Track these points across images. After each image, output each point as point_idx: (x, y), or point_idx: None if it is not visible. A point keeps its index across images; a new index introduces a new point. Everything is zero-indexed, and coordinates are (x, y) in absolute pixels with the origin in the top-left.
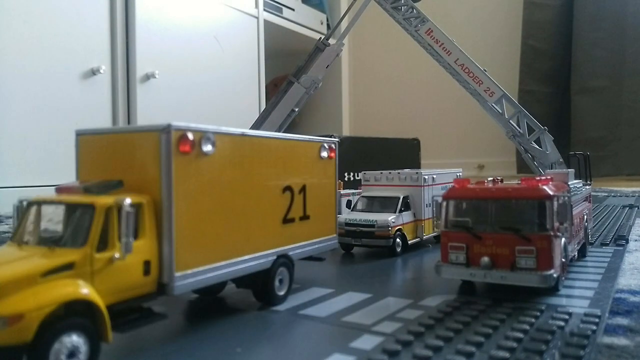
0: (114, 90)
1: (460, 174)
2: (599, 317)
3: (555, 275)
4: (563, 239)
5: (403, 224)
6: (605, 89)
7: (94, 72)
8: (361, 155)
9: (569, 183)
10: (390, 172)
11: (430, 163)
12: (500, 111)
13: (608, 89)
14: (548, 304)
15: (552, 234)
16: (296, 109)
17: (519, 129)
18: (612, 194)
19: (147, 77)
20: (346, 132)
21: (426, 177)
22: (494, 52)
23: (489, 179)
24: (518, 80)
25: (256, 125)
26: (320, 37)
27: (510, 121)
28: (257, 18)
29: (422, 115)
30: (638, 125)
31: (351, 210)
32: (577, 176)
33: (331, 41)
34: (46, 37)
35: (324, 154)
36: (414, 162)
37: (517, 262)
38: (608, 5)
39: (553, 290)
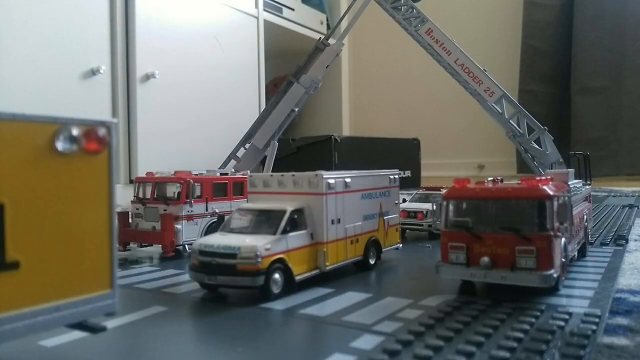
0: (114, 90)
1: (397, 176)
2: (599, 317)
3: (555, 275)
4: (563, 239)
5: (287, 250)
6: (605, 89)
7: (94, 72)
8: (361, 155)
9: (569, 183)
10: (282, 175)
11: (431, 163)
12: (500, 111)
13: (608, 89)
14: (548, 304)
15: (552, 234)
16: (296, 109)
17: (519, 129)
18: (612, 194)
19: (147, 77)
20: (346, 132)
21: (332, 181)
22: (494, 52)
23: (489, 179)
24: (518, 80)
25: (256, 125)
26: (320, 37)
27: (510, 121)
28: (257, 18)
29: (422, 115)
30: (638, 125)
31: (220, 230)
32: (577, 176)
33: (331, 41)
34: (46, 37)
35: (67, 145)
36: (415, 162)
37: (517, 262)
38: (608, 5)
39: (553, 290)
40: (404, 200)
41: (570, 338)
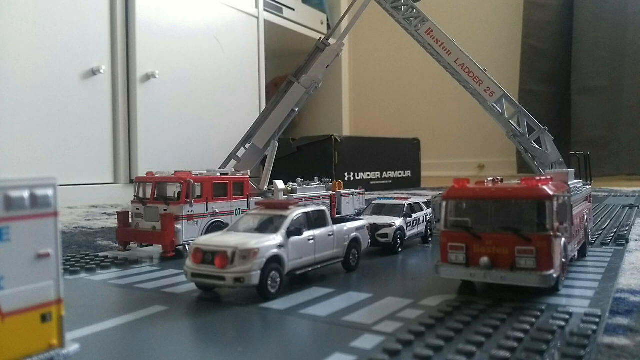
0: (114, 90)
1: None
2: (599, 317)
3: (555, 276)
4: (563, 239)
5: None
6: (605, 89)
7: (94, 72)
8: (361, 155)
9: (569, 183)
10: None
11: (431, 163)
12: (501, 111)
13: (608, 89)
14: (548, 304)
15: (552, 234)
16: (296, 109)
17: (519, 129)
18: (612, 194)
19: (147, 77)
20: (346, 132)
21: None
22: (494, 52)
23: (489, 179)
24: (518, 80)
25: (256, 125)
26: (320, 37)
27: (511, 121)
28: (257, 18)
29: (422, 115)
30: (638, 125)
31: None
32: (577, 176)
33: (331, 41)
34: (46, 37)
35: None
36: (415, 162)
37: (517, 262)
38: (608, 5)
39: (553, 290)
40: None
41: (571, 338)
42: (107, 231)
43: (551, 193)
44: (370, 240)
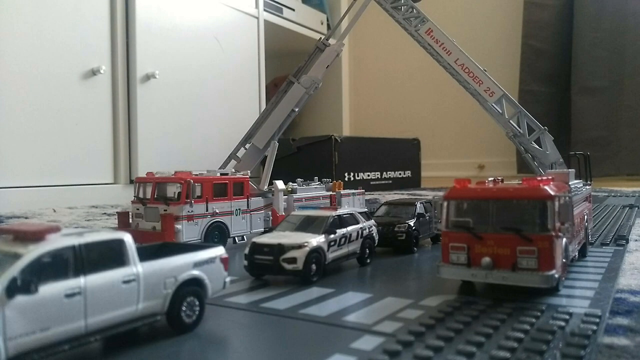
0: (114, 90)
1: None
2: (599, 317)
3: (556, 276)
4: (564, 239)
5: None
6: (605, 89)
7: (94, 72)
8: (361, 155)
9: (570, 183)
10: None
11: (431, 163)
12: (501, 111)
13: (608, 89)
14: (549, 304)
15: (553, 234)
16: (296, 109)
17: (519, 129)
18: (612, 194)
19: (147, 77)
20: (346, 132)
21: None
22: (494, 52)
23: (490, 179)
24: (518, 80)
25: (256, 125)
26: (320, 37)
27: (511, 121)
28: (257, 18)
29: (422, 115)
30: (638, 125)
31: None
32: (578, 176)
33: (331, 41)
34: (46, 37)
35: None
36: (415, 162)
37: (519, 263)
38: (608, 5)
39: (553, 290)
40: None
41: (571, 338)
42: None
43: (553, 193)
44: (277, 267)
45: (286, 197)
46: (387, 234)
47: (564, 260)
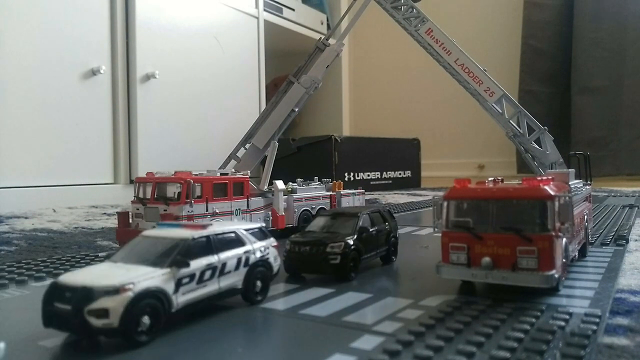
0: (114, 90)
1: None
2: (599, 317)
3: (556, 276)
4: (564, 239)
5: None
6: (605, 89)
7: (94, 72)
8: (361, 155)
9: (570, 183)
10: None
11: (431, 163)
12: (500, 111)
13: (608, 89)
14: (548, 304)
15: (553, 234)
16: (296, 109)
17: (519, 129)
18: (612, 194)
19: (147, 77)
20: (346, 132)
21: None
22: (494, 52)
23: (490, 179)
24: (518, 80)
25: (256, 125)
26: (320, 37)
27: (511, 121)
28: (257, 18)
29: (422, 115)
30: (638, 125)
31: None
32: (577, 176)
33: (331, 41)
34: (46, 37)
35: None
36: (415, 162)
37: (519, 263)
38: (608, 5)
39: (553, 290)
40: None
41: (571, 338)
42: (107, 231)
43: (553, 193)
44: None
45: (286, 197)
46: (315, 255)
47: (564, 260)
